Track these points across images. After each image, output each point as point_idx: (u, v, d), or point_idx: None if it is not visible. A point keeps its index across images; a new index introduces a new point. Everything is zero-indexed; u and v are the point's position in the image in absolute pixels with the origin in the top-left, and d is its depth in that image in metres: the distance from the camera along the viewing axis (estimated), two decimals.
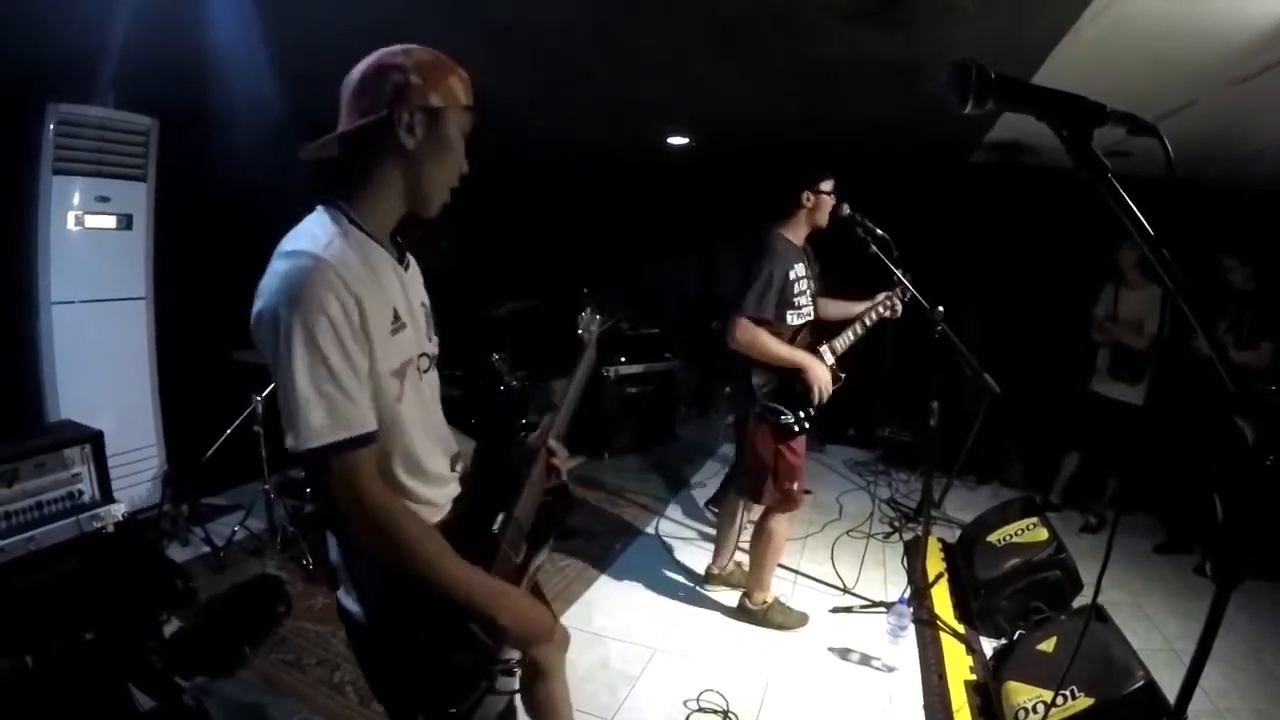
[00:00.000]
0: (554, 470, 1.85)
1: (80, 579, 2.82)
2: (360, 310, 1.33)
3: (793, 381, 3.28)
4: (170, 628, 3.12)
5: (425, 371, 1.59)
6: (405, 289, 1.53)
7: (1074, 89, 1.06)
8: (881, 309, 3.55)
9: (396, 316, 1.44)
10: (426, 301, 1.66)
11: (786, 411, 3.29)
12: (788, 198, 3.36)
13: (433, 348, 1.63)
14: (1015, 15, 2.78)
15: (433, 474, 1.60)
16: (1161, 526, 5.06)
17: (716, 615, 3.80)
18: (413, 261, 1.65)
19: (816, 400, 3.28)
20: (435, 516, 1.60)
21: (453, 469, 1.69)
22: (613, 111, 4.77)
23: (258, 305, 1.32)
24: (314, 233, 1.38)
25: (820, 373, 3.26)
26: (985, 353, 3.72)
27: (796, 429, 3.32)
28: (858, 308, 3.59)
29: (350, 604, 1.56)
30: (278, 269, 1.32)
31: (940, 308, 3.51)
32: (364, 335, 1.35)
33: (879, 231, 3.46)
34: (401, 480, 1.52)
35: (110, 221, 4.11)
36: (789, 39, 3.34)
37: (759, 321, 3.21)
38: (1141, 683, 2.51)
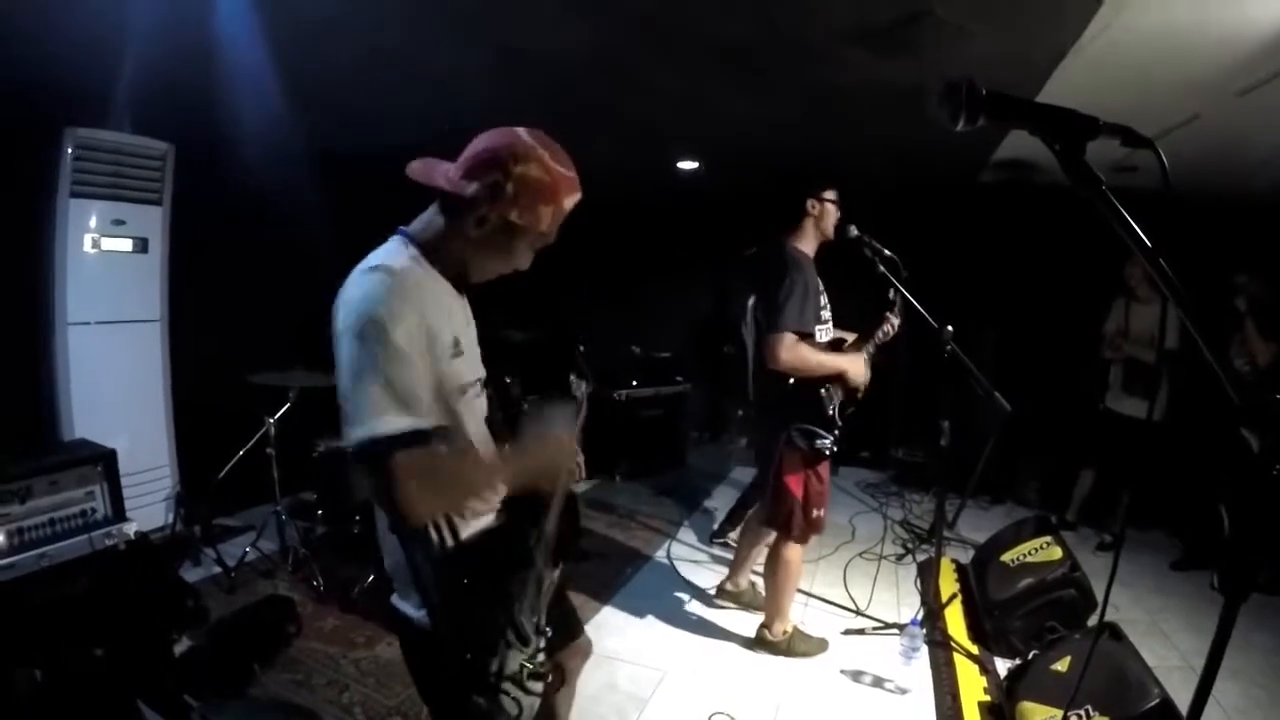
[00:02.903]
0: (578, 469, 1.93)
1: (91, 596, 2.84)
2: (425, 329, 1.46)
3: (820, 401, 3.24)
4: (181, 647, 3.12)
5: (479, 396, 1.70)
6: (466, 320, 1.67)
7: (1078, 106, 1.06)
8: (880, 335, 3.51)
9: (456, 344, 1.55)
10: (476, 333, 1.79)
11: (824, 434, 3.26)
12: (793, 207, 3.32)
13: (482, 373, 1.75)
14: (1019, 35, 2.81)
15: None
16: (1178, 543, 5.01)
17: (727, 638, 3.77)
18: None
19: (863, 388, 3.31)
20: (485, 519, 1.69)
21: None
22: (623, 136, 4.81)
23: (340, 314, 1.43)
24: (391, 255, 1.52)
25: (860, 369, 3.28)
26: (998, 372, 3.70)
27: (828, 452, 3.29)
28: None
29: (408, 608, 1.64)
30: (361, 282, 1.45)
31: (949, 327, 3.48)
32: (428, 350, 1.47)
33: (886, 252, 3.43)
34: None
35: (126, 244, 4.18)
36: (799, 65, 3.38)
37: (801, 336, 3.14)
38: (1157, 700, 2.48)
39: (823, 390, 3.25)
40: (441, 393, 1.52)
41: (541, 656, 1.65)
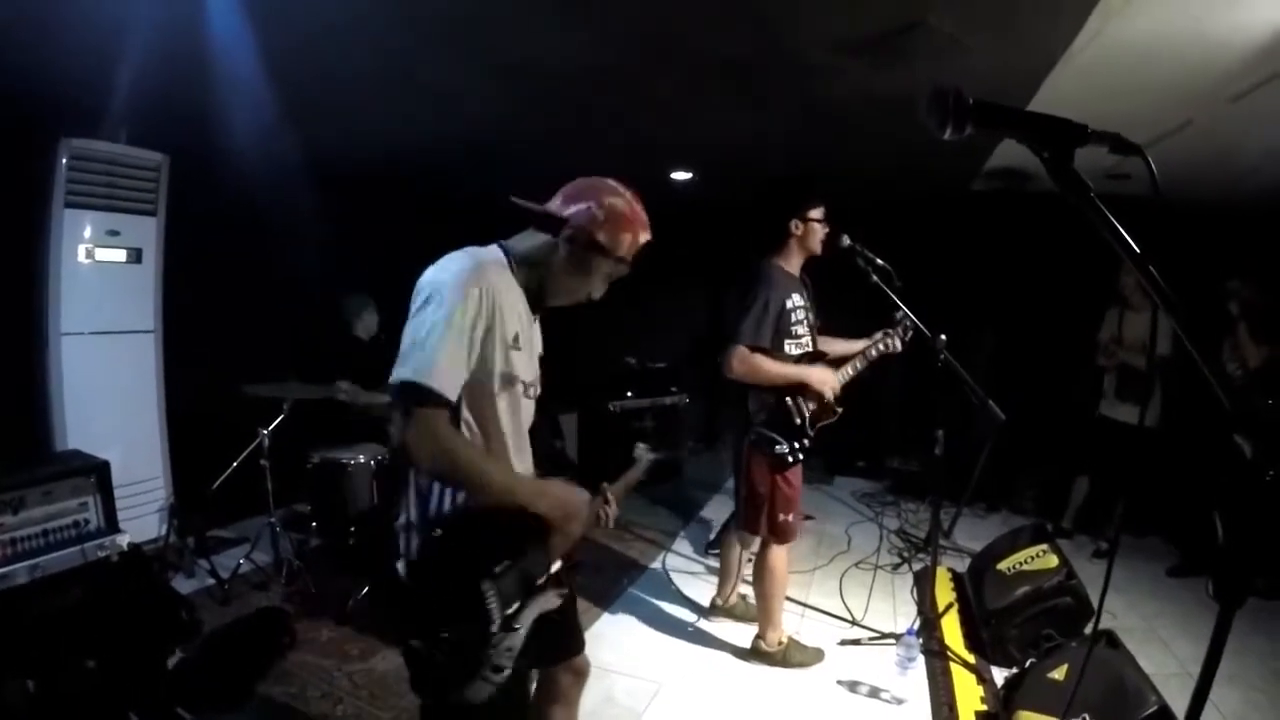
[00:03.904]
0: (605, 517, 2.13)
1: (84, 607, 2.82)
2: (493, 313, 1.66)
3: (786, 410, 3.27)
4: (174, 659, 3.10)
5: (530, 398, 1.89)
6: (530, 329, 1.85)
7: (1071, 114, 1.06)
8: (882, 345, 3.52)
9: (517, 339, 1.75)
10: (541, 353, 1.98)
11: (781, 441, 3.27)
12: (777, 227, 3.34)
13: (536, 386, 1.93)
14: (1011, 43, 2.83)
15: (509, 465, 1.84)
16: (1174, 549, 5.01)
17: (723, 649, 3.75)
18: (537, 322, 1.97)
19: (830, 397, 3.28)
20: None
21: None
22: (620, 147, 4.82)
23: (426, 278, 1.67)
24: (485, 250, 1.78)
25: (822, 376, 3.25)
26: (993, 380, 3.70)
27: (790, 459, 3.29)
28: (858, 345, 3.56)
29: (398, 562, 1.78)
30: (454, 259, 1.69)
31: (943, 336, 3.48)
32: (488, 332, 1.66)
33: (879, 261, 3.44)
34: None
35: (120, 255, 4.17)
36: (794, 77, 3.39)
37: (756, 349, 3.18)
38: (1155, 708, 2.47)
39: (788, 399, 3.28)
40: (487, 373, 1.69)
41: (509, 653, 1.71)
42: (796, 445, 3.29)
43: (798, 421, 3.29)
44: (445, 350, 1.58)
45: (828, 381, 3.28)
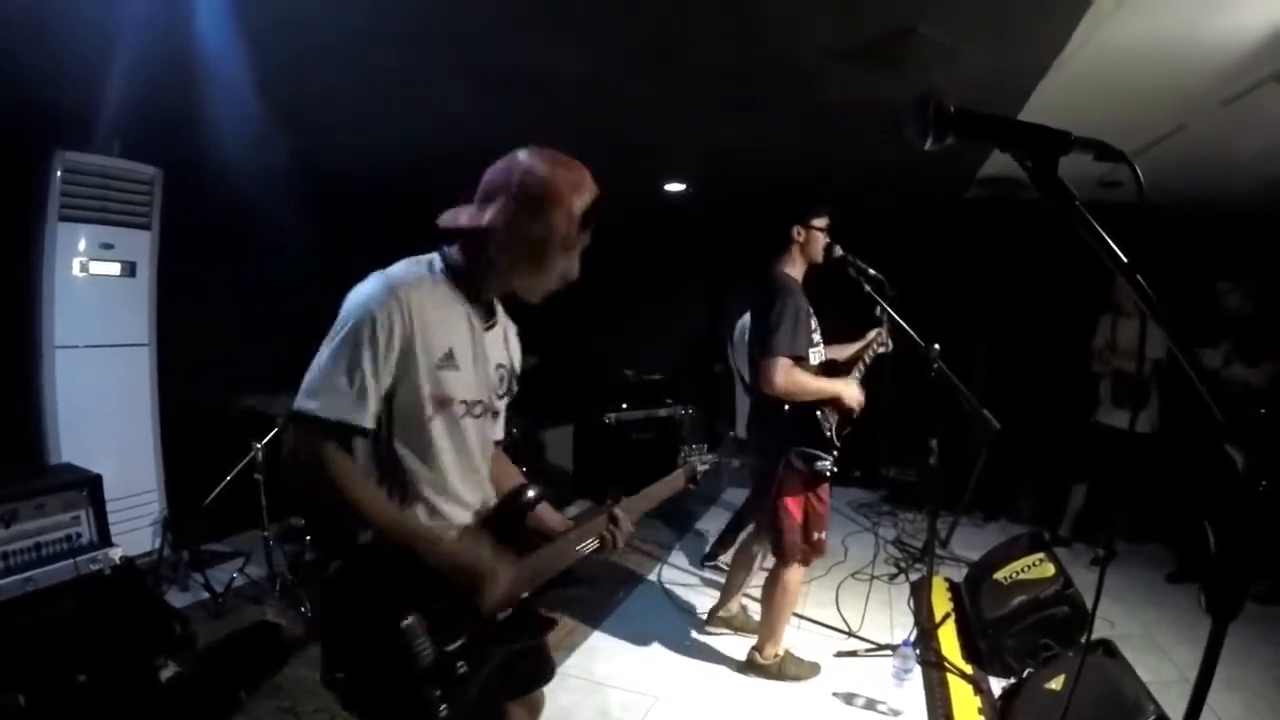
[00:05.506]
0: (610, 539, 1.93)
1: (77, 621, 2.80)
2: (410, 335, 1.53)
3: (819, 423, 3.24)
4: (167, 672, 3.08)
5: (478, 416, 1.72)
6: (475, 342, 1.69)
7: (1062, 123, 1.05)
8: (876, 346, 3.53)
9: (450, 356, 1.61)
10: (509, 364, 1.86)
11: (824, 456, 3.24)
12: (779, 233, 3.34)
13: (496, 403, 1.80)
14: (1003, 50, 2.84)
15: (453, 495, 1.70)
16: (1173, 555, 5.00)
17: (720, 662, 3.73)
18: (504, 328, 1.85)
19: (858, 411, 3.27)
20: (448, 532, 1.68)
21: (476, 507, 1.77)
22: (615, 158, 4.82)
23: (345, 303, 1.56)
24: (409, 265, 1.64)
25: (854, 392, 3.24)
26: (988, 388, 3.70)
27: (829, 473, 3.27)
28: (851, 349, 3.58)
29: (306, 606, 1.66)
30: (366, 282, 1.58)
31: (936, 345, 3.48)
32: (402, 356, 1.54)
33: (871, 271, 3.44)
34: (421, 489, 1.64)
35: (114, 268, 4.17)
36: (787, 86, 3.41)
37: (795, 359, 3.14)
38: (1152, 717, 2.46)
39: (818, 413, 3.25)
40: (412, 398, 1.57)
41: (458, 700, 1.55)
42: (831, 458, 3.28)
43: (828, 434, 3.26)
44: (343, 377, 1.48)
45: (856, 396, 3.26)
